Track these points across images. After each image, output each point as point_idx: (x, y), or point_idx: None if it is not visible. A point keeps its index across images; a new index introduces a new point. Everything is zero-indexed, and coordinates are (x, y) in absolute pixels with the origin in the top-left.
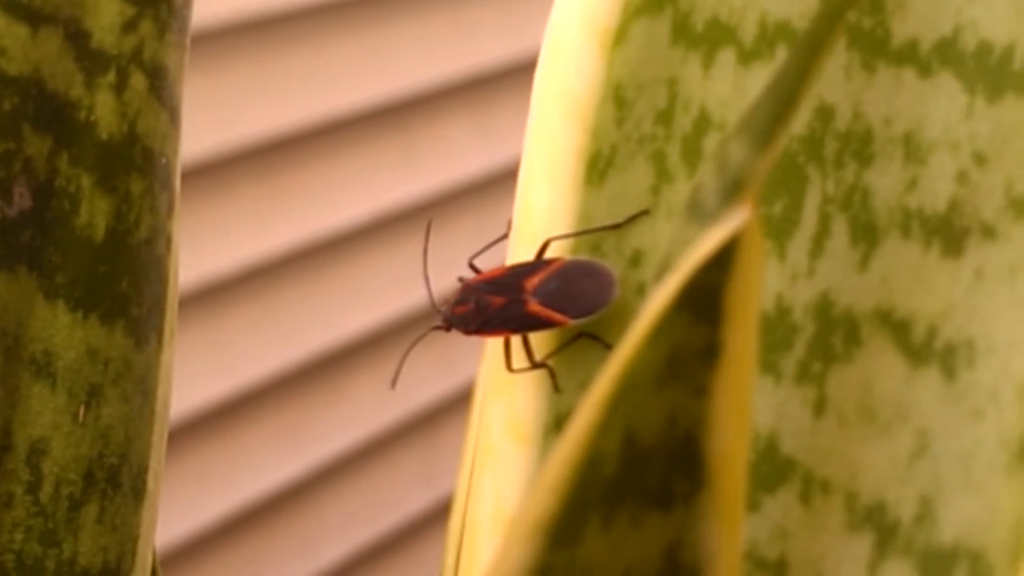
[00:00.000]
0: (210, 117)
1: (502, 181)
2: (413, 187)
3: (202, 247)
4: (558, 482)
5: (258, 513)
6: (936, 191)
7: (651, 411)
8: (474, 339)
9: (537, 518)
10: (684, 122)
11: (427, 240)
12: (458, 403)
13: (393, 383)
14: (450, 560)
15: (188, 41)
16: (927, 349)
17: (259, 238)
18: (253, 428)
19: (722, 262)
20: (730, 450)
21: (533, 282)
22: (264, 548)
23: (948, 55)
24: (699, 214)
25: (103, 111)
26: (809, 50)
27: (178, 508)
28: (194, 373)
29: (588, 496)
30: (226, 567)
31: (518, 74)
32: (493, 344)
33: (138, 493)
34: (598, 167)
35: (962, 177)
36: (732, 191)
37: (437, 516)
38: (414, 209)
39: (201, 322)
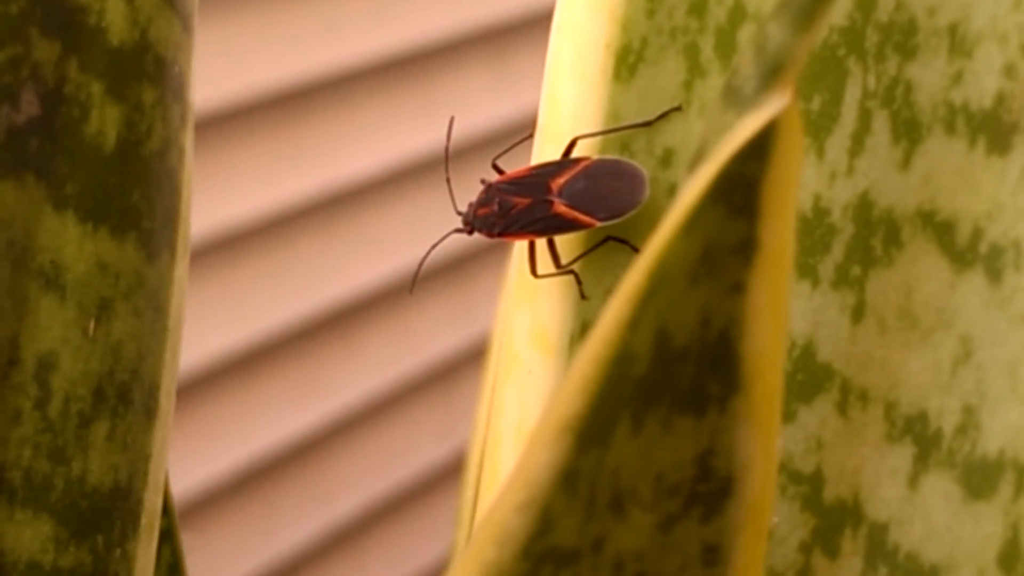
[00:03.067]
0: (226, 66)
1: (521, 131)
2: (430, 137)
3: (218, 196)
4: (587, 380)
5: (273, 464)
6: (982, 85)
7: (684, 308)
8: (492, 289)
9: (565, 418)
10: (718, 13)
11: (448, 139)
12: (476, 355)
13: (411, 288)
14: (467, 500)
15: None
16: (971, 252)
17: (275, 188)
18: (268, 379)
19: (759, 152)
20: (766, 351)
21: (559, 182)
22: (279, 499)
23: None
24: (736, 100)
25: (114, 17)
26: None
27: (194, 459)
28: (210, 323)
29: (618, 396)
30: (241, 518)
31: (536, 24)
32: (519, 248)
33: (150, 411)
34: (628, 61)
35: (1010, 70)
36: (771, 75)
37: (453, 469)
38: (431, 160)
39: (217, 272)
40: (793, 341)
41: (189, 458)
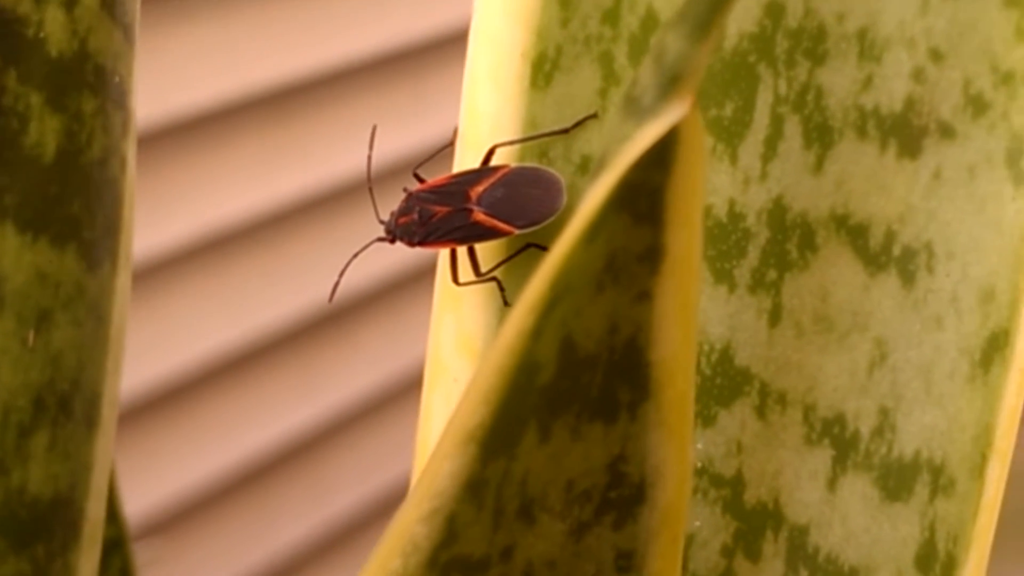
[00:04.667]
0: (218, 64)
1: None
2: (423, 135)
3: (211, 195)
4: (490, 390)
5: (272, 462)
6: (892, 90)
7: (590, 317)
8: None
9: (468, 428)
10: (631, 21)
11: (371, 147)
12: None
13: (330, 298)
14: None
15: None
16: (885, 254)
17: (269, 185)
18: (266, 377)
19: (662, 160)
20: (676, 358)
21: (478, 191)
22: (278, 497)
23: None
24: (636, 109)
25: (53, 28)
26: None
27: (192, 457)
28: (206, 322)
29: (523, 405)
30: (239, 517)
31: None
32: (442, 256)
33: (91, 421)
34: (544, 69)
35: (918, 74)
36: (669, 85)
37: None
38: (424, 158)
39: (212, 271)
40: (711, 345)
41: (189, 456)
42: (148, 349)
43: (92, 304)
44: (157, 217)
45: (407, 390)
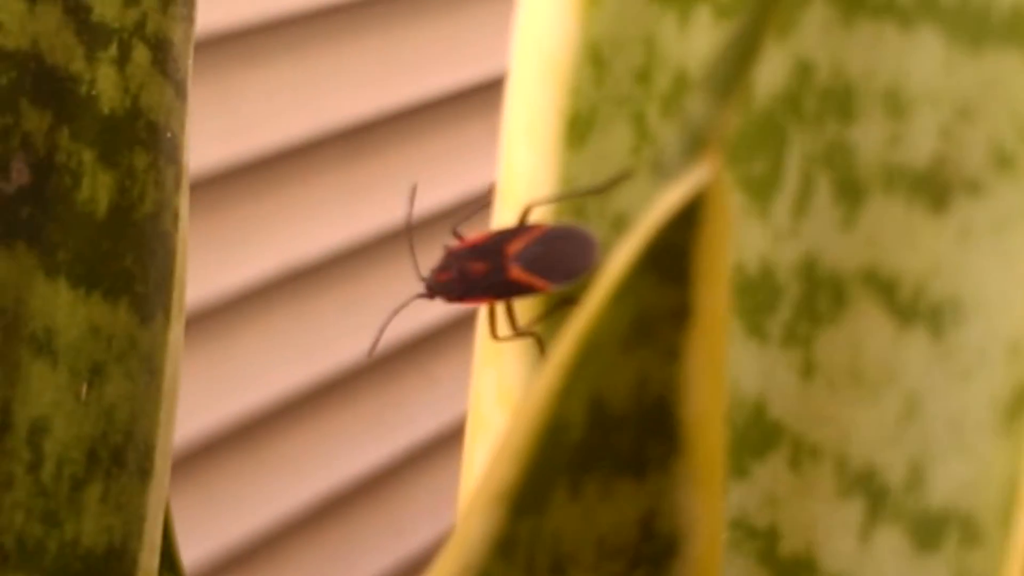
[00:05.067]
0: (295, 103)
1: None
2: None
3: (289, 234)
4: (520, 449)
5: (348, 497)
6: (919, 146)
7: (619, 375)
8: None
9: (499, 487)
10: (662, 81)
11: (411, 205)
12: None
13: (370, 353)
14: None
15: (195, 14)
16: (913, 309)
17: (345, 224)
18: (343, 412)
19: (688, 221)
20: (706, 414)
21: (515, 248)
22: (354, 532)
23: (929, 6)
24: (663, 172)
25: (104, 85)
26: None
27: (269, 493)
28: (284, 359)
29: (553, 463)
30: (316, 552)
31: None
32: (482, 311)
33: (144, 472)
34: (578, 128)
35: (945, 132)
36: (694, 147)
37: None
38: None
39: (289, 309)
40: (744, 399)
41: (265, 492)
42: (217, 389)
43: (145, 357)
44: (228, 257)
45: None
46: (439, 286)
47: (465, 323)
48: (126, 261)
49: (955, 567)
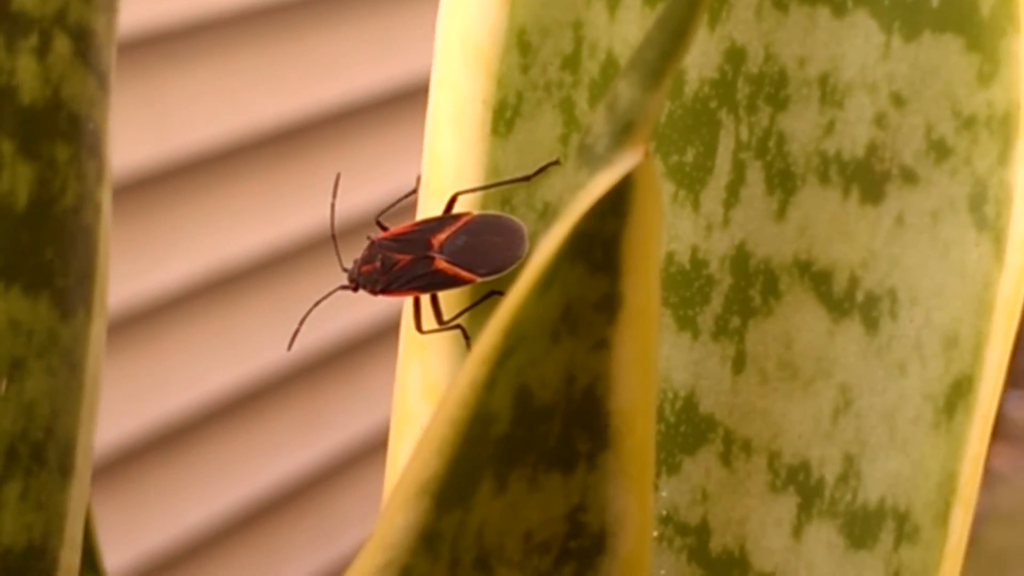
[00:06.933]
0: (221, 106)
1: None
2: (392, 184)
3: (215, 236)
4: (444, 441)
5: (276, 502)
6: (854, 135)
7: (546, 366)
8: None
9: (422, 480)
10: (591, 67)
11: (335, 196)
12: None
13: (289, 346)
14: None
15: (118, 4)
16: (849, 301)
17: (272, 226)
18: (269, 416)
19: (616, 208)
20: (635, 407)
21: (440, 238)
22: (282, 537)
23: None
24: (589, 158)
25: (24, 76)
26: None
27: (197, 498)
28: (210, 363)
29: (478, 456)
30: (243, 557)
31: None
32: (406, 304)
33: (65, 470)
34: (505, 116)
35: (880, 120)
36: (622, 133)
37: None
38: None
39: (215, 312)
40: (675, 392)
41: (193, 497)
42: (144, 393)
43: (66, 352)
44: (153, 259)
45: None
46: (362, 277)
47: (393, 326)
48: (47, 255)
49: (890, 564)
